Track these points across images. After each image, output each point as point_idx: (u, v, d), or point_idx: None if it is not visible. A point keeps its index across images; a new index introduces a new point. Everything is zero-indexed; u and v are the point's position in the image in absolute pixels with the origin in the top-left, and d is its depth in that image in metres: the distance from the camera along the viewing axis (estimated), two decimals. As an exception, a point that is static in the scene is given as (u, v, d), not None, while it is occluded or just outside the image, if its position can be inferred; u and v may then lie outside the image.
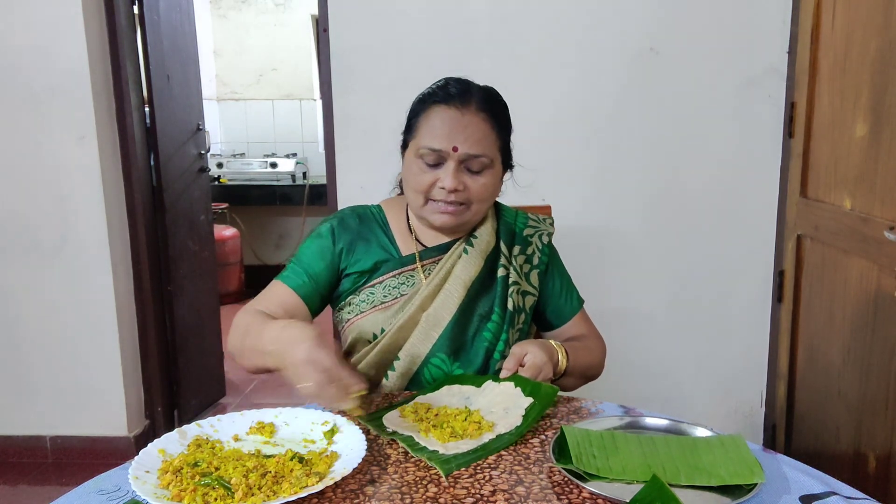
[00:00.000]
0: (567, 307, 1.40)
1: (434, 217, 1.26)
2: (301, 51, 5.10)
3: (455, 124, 1.22)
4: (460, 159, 1.22)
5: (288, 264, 1.33)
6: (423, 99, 1.28)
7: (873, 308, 1.75)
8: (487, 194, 1.27)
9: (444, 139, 1.21)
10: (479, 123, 1.23)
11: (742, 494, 0.86)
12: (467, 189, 1.24)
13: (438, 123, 1.23)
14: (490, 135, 1.24)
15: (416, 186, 1.25)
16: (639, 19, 2.34)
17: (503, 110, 1.30)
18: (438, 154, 1.22)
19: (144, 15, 2.64)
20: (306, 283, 1.29)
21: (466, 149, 1.22)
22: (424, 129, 1.24)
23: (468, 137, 1.22)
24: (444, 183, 1.22)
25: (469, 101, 1.23)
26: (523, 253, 1.36)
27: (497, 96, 1.30)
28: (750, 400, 2.55)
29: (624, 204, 2.45)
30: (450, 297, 1.27)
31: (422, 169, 1.24)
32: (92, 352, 2.62)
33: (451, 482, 0.91)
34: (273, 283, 1.31)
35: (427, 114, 1.25)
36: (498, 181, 1.30)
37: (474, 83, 1.29)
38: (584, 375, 1.33)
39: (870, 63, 1.77)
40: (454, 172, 1.22)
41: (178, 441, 0.98)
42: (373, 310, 1.29)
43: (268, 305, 1.26)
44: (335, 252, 1.31)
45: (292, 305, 1.27)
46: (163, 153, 2.78)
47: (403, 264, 1.31)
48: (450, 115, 1.23)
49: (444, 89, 1.26)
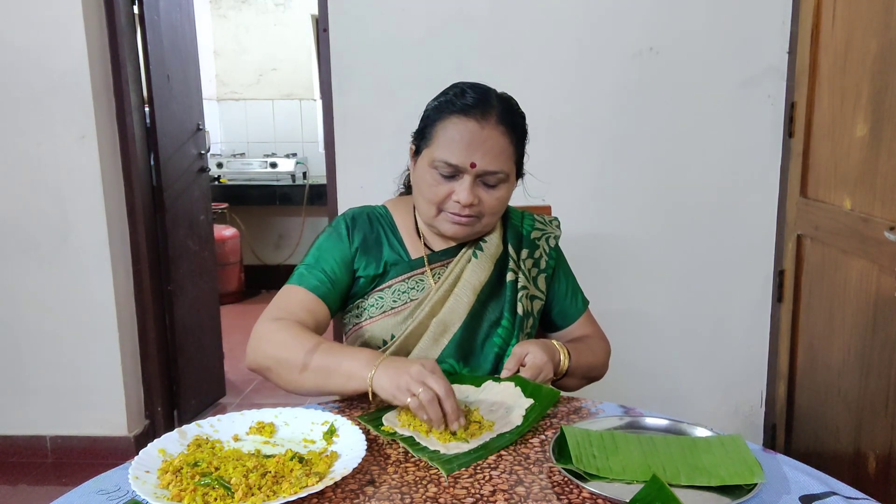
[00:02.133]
0: (573, 309, 1.40)
1: (445, 227, 1.24)
2: (301, 51, 5.11)
3: (473, 138, 1.17)
4: (477, 175, 1.19)
5: (300, 265, 1.27)
6: (439, 107, 1.23)
7: (873, 308, 1.75)
8: (500, 207, 1.25)
9: (461, 154, 1.17)
10: (498, 138, 1.19)
11: (742, 494, 0.86)
12: (482, 203, 1.21)
13: (457, 136, 1.18)
14: (508, 149, 1.21)
15: (430, 197, 1.22)
16: (639, 19, 2.33)
17: (521, 121, 1.26)
18: (455, 168, 1.19)
19: (144, 15, 2.64)
20: (324, 282, 1.24)
21: (485, 165, 1.18)
22: (441, 141, 1.19)
23: (487, 153, 1.18)
24: (458, 197, 1.19)
25: (489, 114, 1.19)
26: (531, 257, 1.35)
27: (516, 107, 1.26)
28: (750, 400, 2.55)
29: (623, 203, 2.45)
30: (459, 303, 1.26)
31: (436, 180, 1.20)
32: (92, 352, 2.62)
33: (451, 482, 0.91)
34: (288, 289, 1.24)
35: (444, 124, 1.20)
36: (511, 193, 1.27)
37: (492, 90, 1.24)
38: (587, 376, 1.33)
39: (870, 63, 1.77)
40: (470, 187, 1.19)
41: (178, 441, 0.98)
42: (383, 315, 1.27)
43: (293, 312, 1.19)
44: (351, 252, 1.28)
45: (315, 308, 1.22)
46: (163, 153, 2.78)
47: (413, 268, 1.29)
48: (468, 127, 1.18)
49: (461, 98, 1.21)
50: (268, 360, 1.15)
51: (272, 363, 1.14)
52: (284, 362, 1.12)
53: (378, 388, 1.04)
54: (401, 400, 1.01)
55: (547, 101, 2.39)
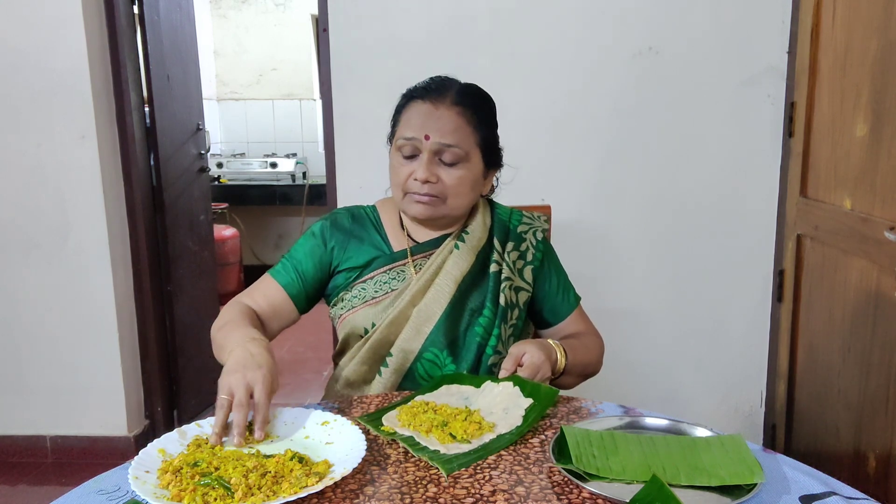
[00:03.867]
0: (564, 305, 1.40)
1: (410, 207, 1.29)
2: (301, 51, 5.11)
3: (429, 115, 1.26)
4: (433, 149, 1.25)
5: (283, 257, 1.36)
6: (404, 96, 1.33)
7: (873, 308, 1.75)
8: (463, 188, 1.28)
9: (417, 129, 1.25)
10: (453, 116, 1.26)
11: (742, 494, 0.86)
12: (441, 181, 1.26)
13: (414, 115, 1.27)
14: (464, 127, 1.27)
15: (395, 180, 1.30)
16: (639, 19, 2.33)
17: (483, 104, 1.32)
18: (412, 144, 1.26)
19: (144, 15, 2.64)
20: (294, 280, 1.32)
21: (438, 138, 1.25)
22: (402, 123, 1.29)
23: (441, 128, 1.25)
24: (417, 174, 1.25)
25: (444, 96, 1.27)
26: (517, 249, 1.37)
27: (477, 91, 1.33)
28: (750, 400, 2.55)
29: (623, 203, 2.45)
30: (440, 292, 1.28)
31: (400, 162, 1.28)
32: (92, 352, 2.62)
33: (451, 482, 0.91)
34: (264, 277, 1.35)
35: (406, 109, 1.29)
36: (477, 177, 1.31)
37: (457, 80, 1.32)
38: (583, 373, 1.33)
39: (870, 63, 1.77)
40: (427, 163, 1.25)
41: (177, 441, 0.98)
42: (364, 305, 1.30)
43: (256, 299, 1.31)
44: (326, 250, 1.34)
45: (279, 301, 1.32)
46: (163, 153, 2.78)
47: (394, 260, 1.32)
48: (425, 108, 1.26)
49: (424, 86, 1.31)
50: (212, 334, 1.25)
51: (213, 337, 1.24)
52: (213, 338, 1.23)
53: None
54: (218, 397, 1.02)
55: (547, 101, 2.39)
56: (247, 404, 0.99)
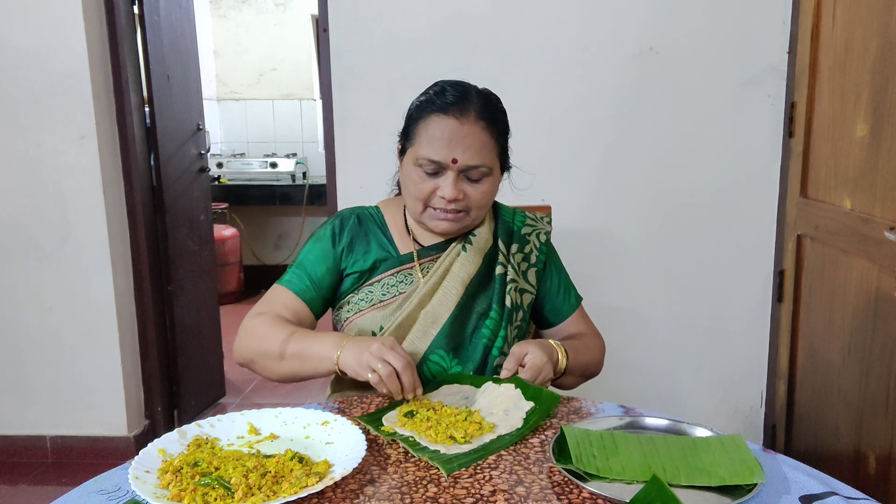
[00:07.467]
0: (565, 305, 1.40)
1: (434, 223, 1.27)
2: (301, 51, 5.10)
3: (454, 135, 1.20)
4: (460, 170, 1.22)
5: (289, 268, 1.33)
6: (420, 106, 1.26)
7: (873, 308, 1.75)
8: (486, 200, 1.28)
9: (442, 150, 1.20)
10: (479, 133, 1.22)
11: (742, 494, 0.86)
12: (467, 197, 1.24)
13: (438, 134, 1.21)
14: (489, 143, 1.23)
15: (416, 194, 1.25)
16: (639, 19, 2.33)
17: (502, 116, 1.29)
18: (438, 165, 1.22)
19: (144, 15, 2.64)
20: (309, 287, 1.29)
21: (466, 160, 1.21)
22: (423, 139, 1.23)
23: (468, 148, 1.21)
24: (443, 193, 1.22)
25: (468, 110, 1.22)
26: (521, 251, 1.36)
27: (496, 102, 1.29)
28: (750, 400, 2.55)
29: (624, 203, 2.45)
30: (448, 295, 1.28)
31: (421, 178, 1.24)
32: (92, 352, 2.62)
33: (451, 482, 0.91)
34: (275, 289, 1.31)
35: (425, 122, 1.23)
36: (497, 185, 1.30)
37: (472, 87, 1.27)
38: (584, 374, 1.34)
39: (870, 63, 1.77)
40: (454, 182, 1.22)
41: (178, 441, 0.98)
42: (371, 308, 1.29)
43: (277, 309, 1.26)
44: (336, 254, 1.32)
45: (298, 309, 1.28)
46: (163, 153, 2.78)
47: (401, 263, 1.31)
48: (448, 125, 1.21)
49: (441, 96, 1.24)
50: (251, 353, 1.22)
51: (255, 356, 1.22)
52: (264, 354, 1.20)
53: (344, 367, 1.12)
54: (363, 376, 1.08)
55: (547, 100, 2.39)
56: (409, 363, 1.08)
